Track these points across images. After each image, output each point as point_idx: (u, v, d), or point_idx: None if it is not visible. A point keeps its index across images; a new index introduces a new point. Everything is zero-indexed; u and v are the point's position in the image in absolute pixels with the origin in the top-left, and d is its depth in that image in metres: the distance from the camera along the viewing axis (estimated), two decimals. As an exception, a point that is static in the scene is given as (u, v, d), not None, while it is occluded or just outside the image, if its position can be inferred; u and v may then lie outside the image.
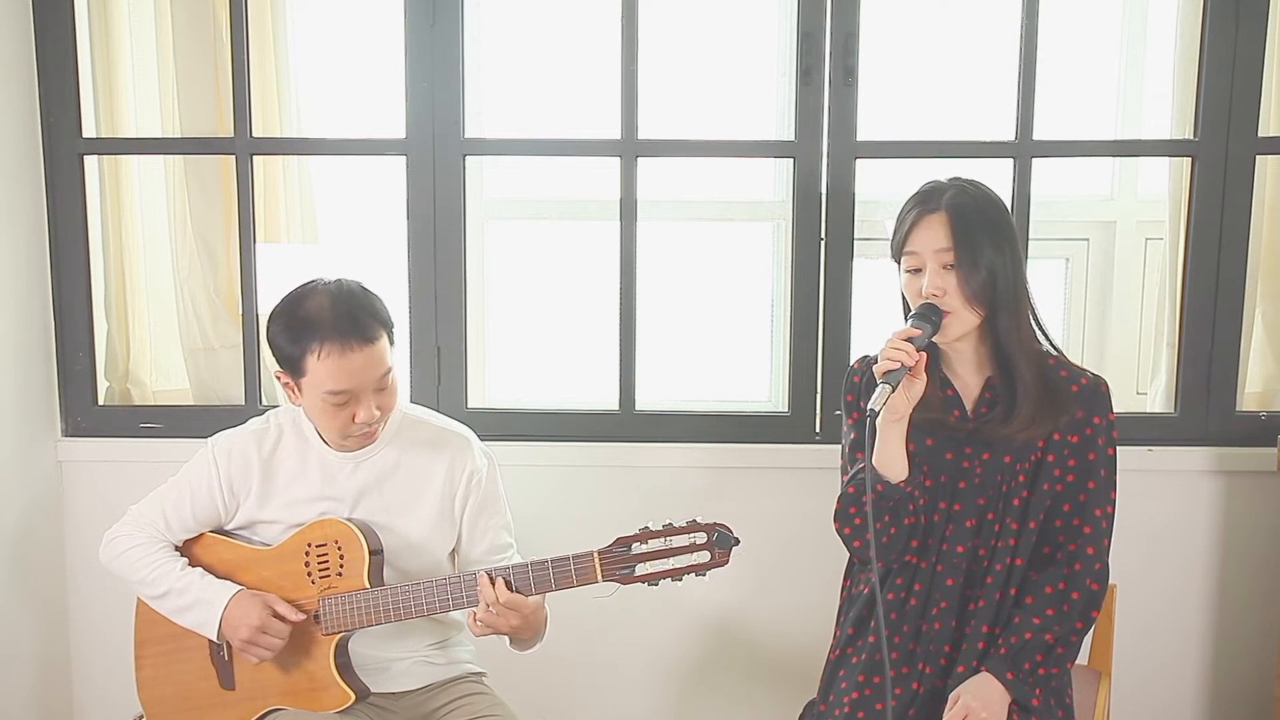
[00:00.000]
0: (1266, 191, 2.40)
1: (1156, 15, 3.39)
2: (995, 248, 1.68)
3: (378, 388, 1.74)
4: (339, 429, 1.76)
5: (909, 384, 1.66)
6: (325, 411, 1.74)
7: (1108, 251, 3.59)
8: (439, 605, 1.76)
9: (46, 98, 2.41)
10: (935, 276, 1.68)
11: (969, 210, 1.69)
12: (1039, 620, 1.70)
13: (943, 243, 1.67)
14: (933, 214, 1.70)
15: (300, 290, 1.76)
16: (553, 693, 2.46)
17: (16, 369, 2.37)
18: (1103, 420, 1.74)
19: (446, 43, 2.36)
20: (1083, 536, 1.73)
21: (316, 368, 1.70)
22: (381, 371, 1.74)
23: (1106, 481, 1.75)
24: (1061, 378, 1.74)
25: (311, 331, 1.69)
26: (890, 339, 1.66)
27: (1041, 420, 1.71)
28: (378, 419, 1.76)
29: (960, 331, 1.71)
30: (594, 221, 3.09)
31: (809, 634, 2.28)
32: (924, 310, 1.68)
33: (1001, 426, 1.72)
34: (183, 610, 1.82)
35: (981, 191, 1.74)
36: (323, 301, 1.72)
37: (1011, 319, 1.70)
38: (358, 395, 1.73)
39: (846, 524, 1.77)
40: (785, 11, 2.92)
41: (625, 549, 1.70)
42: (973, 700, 1.66)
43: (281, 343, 1.73)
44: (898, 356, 1.63)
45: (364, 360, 1.70)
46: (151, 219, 2.59)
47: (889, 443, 1.71)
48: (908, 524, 1.73)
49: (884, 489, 1.71)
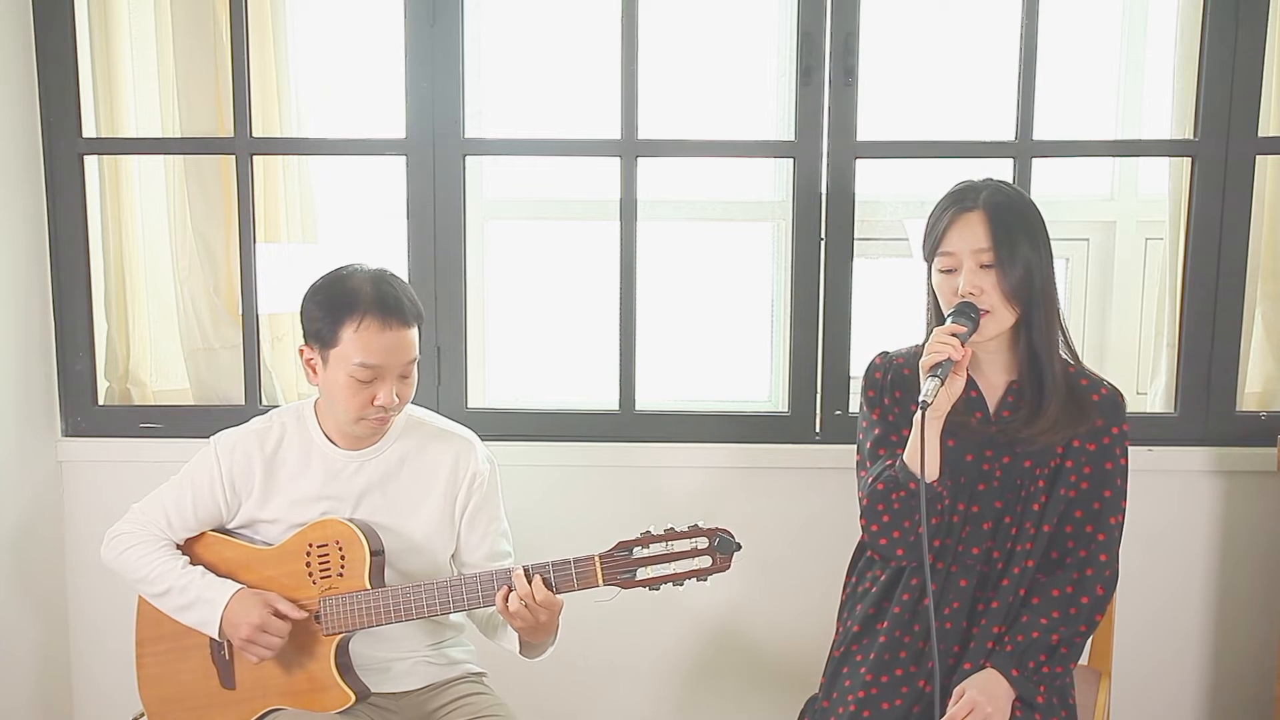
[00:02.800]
0: (1266, 191, 2.40)
1: (1156, 15, 3.39)
2: (1032, 246, 1.70)
3: (402, 374, 1.77)
4: (356, 410, 1.76)
5: (951, 380, 1.67)
6: (347, 387, 1.74)
7: (1108, 251, 3.58)
8: (440, 606, 1.76)
9: (46, 98, 2.41)
10: (972, 275, 1.69)
11: (1006, 209, 1.70)
12: (1046, 621, 1.71)
13: (981, 242, 1.68)
14: (970, 213, 1.70)
15: (342, 269, 1.80)
16: (553, 693, 2.46)
17: (16, 369, 2.37)
18: (1120, 431, 1.76)
19: (446, 43, 2.36)
20: (1095, 543, 1.74)
21: (351, 339, 1.72)
22: (410, 357, 1.77)
23: (1120, 491, 1.76)
24: (1083, 386, 1.76)
25: (354, 303, 1.73)
26: (936, 333, 1.67)
27: (1065, 425, 1.72)
28: (395, 406, 1.77)
29: (996, 330, 1.71)
30: (594, 221, 3.09)
31: (810, 633, 2.29)
32: (963, 308, 1.69)
33: (1025, 427, 1.73)
34: (184, 608, 1.82)
35: (1016, 191, 1.77)
36: (366, 280, 1.76)
37: (1044, 318, 1.72)
38: (384, 375, 1.74)
39: (874, 521, 1.76)
40: (785, 11, 2.92)
41: (626, 553, 1.70)
42: (978, 694, 1.66)
43: (317, 314, 1.75)
44: (945, 350, 1.64)
45: (398, 341, 1.74)
46: (151, 219, 2.59)
47: (926, 441, 1.70)
48: (933, 524, 1.73)
49: (916, 487, 1.70)
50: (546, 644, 1.85)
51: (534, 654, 1.87)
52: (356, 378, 1.73)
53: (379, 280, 1.76)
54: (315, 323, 1.76)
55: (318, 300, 1.77)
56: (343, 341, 1.73)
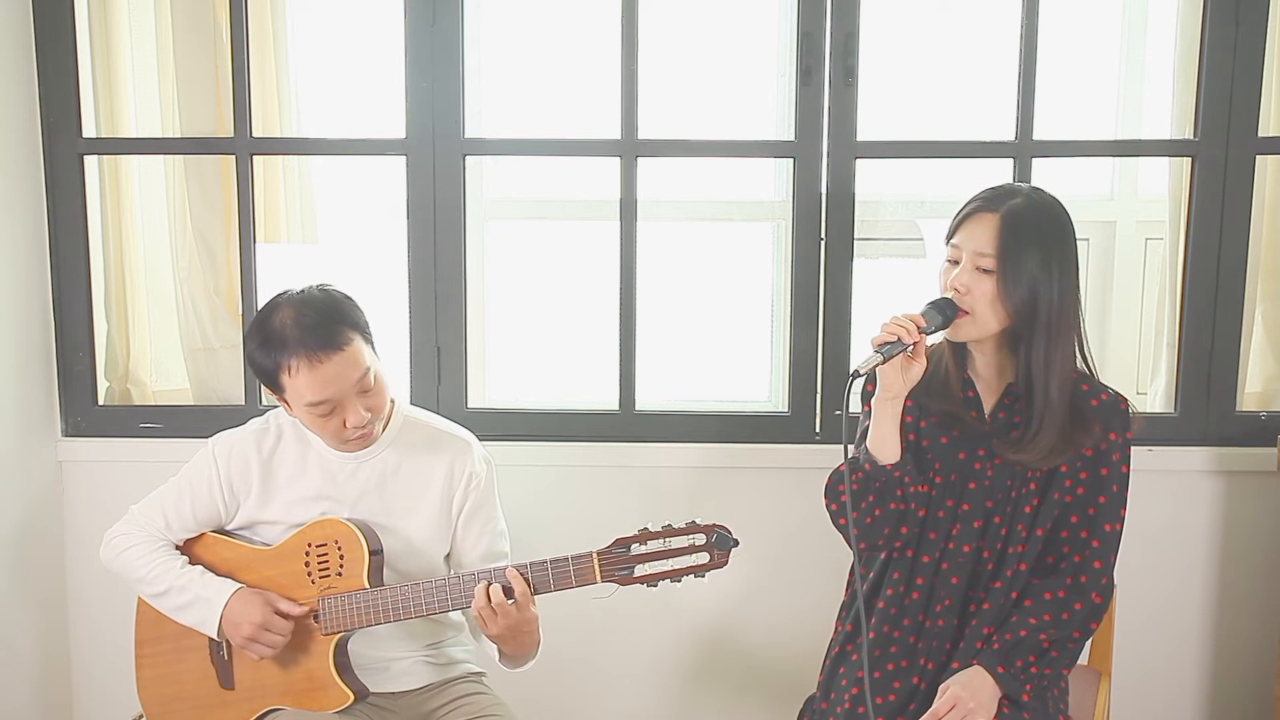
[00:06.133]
0: (1266, 191, 2.40)
1: (1156, 15, 3.39)
2: (1043, 267, 1.64)
3: (360, 390, 1.73)
4: (333, 435, 1.77)
5: (907, 365, 1.67)
6: (314, 422, 1.75)
7: (1108, 251, 3.59)
8: (438, 606, 1.76)
9: (46, 98, 2.41)
10: (965, 274, 1.67)
11: (1025, 223, 1.65)
12: (1035, 621, 1.70)
13: (985, 246, 1.65)
14: (988, 214, 1.67)
15: (267, 307, 1.76)
16: (552, 693, 2.45)
17: (16, 369, 2.37)
18: (1119, 437, 1.72)
19: (446, 43, 2.36)
20: (1090, 550, 1.72)
21: (292, 383, 1.71)
22: (358, 375, 1.72)
23: (1118, 498, 1.73)
24: (1083, 391, 1.72)
25: (279, 349, 1.70)
26: (894, 316, 1.65)
27: (1060, 451, 1.69)
28: (368, 420, 1.76)
29: (976, 334, 1.70)
30: (594, 221, 3.09)
31: (808, 634, 2.28)
32: (940, 303, 1.68)
33: (1013, 452, 1.70)
34: (183, 608, 1.82)
35: (1049, 205, 1.69)
36: (286, 316, 1.71)
37: (1048, 344, 1.66)
38: (341, 402, 1.72)
39: (834, 500, 1.79)
40: (785, 12, 2.91)
41: (624, 550, 1.70)
42: (962, 691, 1.66)
43: (255, 362, 1.74)
44: (897, 332, 1.63)
45: (336, 369, 1.70)
46: (151, 219, 2.59)
47: (880, 423, 1.71)
48: (894, 509, 1.73)
49: (871, 469, 1.71)
50: (525, 657, 1.85)
51: (512, 665, 1.86)
52: (315, 413, 1.73)
53: (301, 311, 1.71)
54: (259, 369, 1.75)
55: (253, 347, 1.74)
56: (286, 388, 1.73)
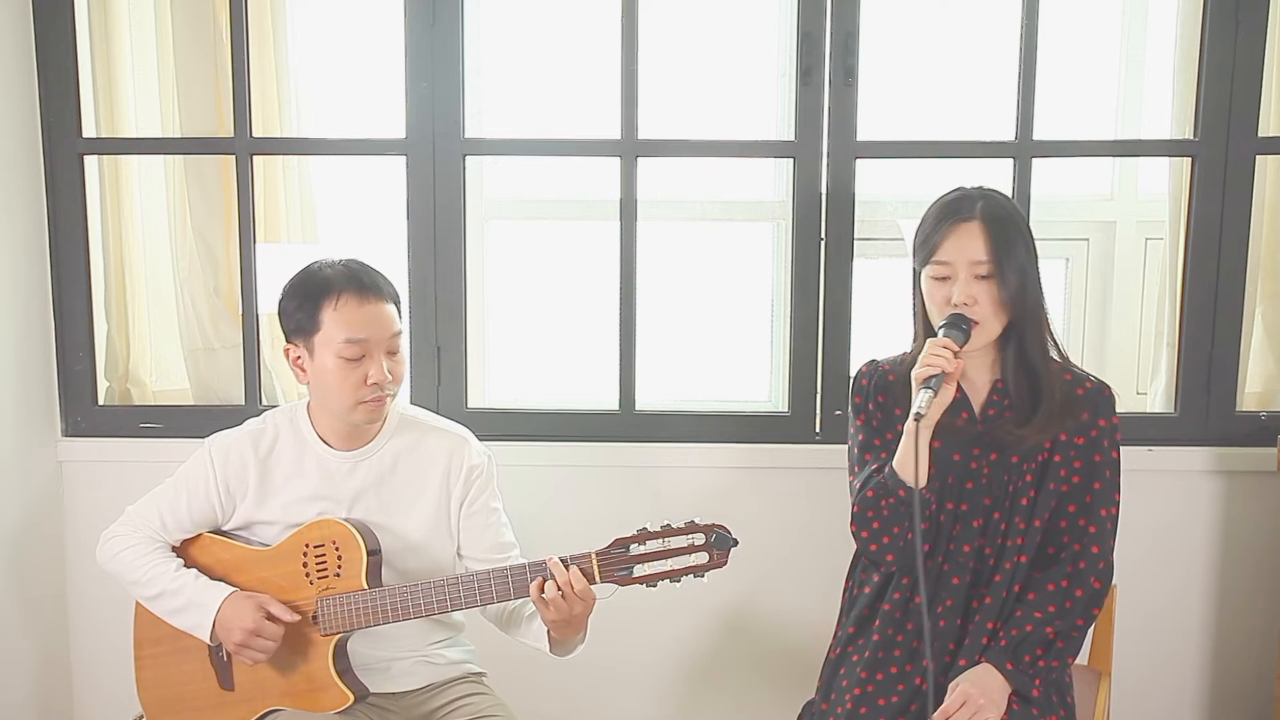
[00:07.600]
0: (1266, 191, 2.40)
1: (1156, 15, 3.39)
2: (1026, 253, 1.72)
3: (389, 349, 1.77)
4: (351, 393, 1.75)
5: (943, 391, 1.68)
6: (338, 371, 1.74)
7: (1108, 251, 3.58)
8: (438, 606, 1.76)
9: (46, 98, 2.41)
10: (967, 286, 1.69)
11: (1004, 220, 1.71)
12: (1040, 614, 1.71)
13: (980, 255, 1.69)
14: (968, 223, 1.70)
15: (310, 265, 1.82)
16: (553, 693, 2.45)
17: (16, 369, 2.37)
18: (1107, 423, 1.77)
19: (446, 43, 2.36)
20: (1088, 536, 1.75)
21: (333, 319, 1.73)
22: (393, 331, 1.78)
23: (1111, 483, 1.77)
24: (1067, 381, 1.77)
25: (328, 287, 1.75)
26: (930, 345, 1.67)
27: (1053, 423, 1.74)
28: (389, 383, 1.77)
29: (985, 340, 1.73)
30: (594, 221, 3.08)
31: (809, 634, 2.29)
32: (955, 320, 1.70)
33: (1016, 428, 1.74)
34: (176, 612, 1.82)
35: (1006, 198, 1.78)
36: (335, 265, 1.79)
37: (1035, 325, 1.74)
38: (371, 350, 1.75)
39: (864, 528, 1.78)
40: (785, 11, 2.91)
41: (623, 550, 1.70)
42: (972, 688, 1.67)
43: (294, 307, 1.77)
44: (938, 363, 1.65)
45: (378, 313, 1.76)
46: (151, 219, 2.59)
47: (918, 448, 1.71)
48: (922, 529, 1.74)
49: (905, 494, 1.71)
50: (575, 641, 1.81)
51: (563, 651, 1.82)
52: (345, 356, 1.74)
53: (349, 263, 1.80)
54: (294, 316, 1.78)
55: (292, 294, 1.79)
56: (324, 324, 1.74)
